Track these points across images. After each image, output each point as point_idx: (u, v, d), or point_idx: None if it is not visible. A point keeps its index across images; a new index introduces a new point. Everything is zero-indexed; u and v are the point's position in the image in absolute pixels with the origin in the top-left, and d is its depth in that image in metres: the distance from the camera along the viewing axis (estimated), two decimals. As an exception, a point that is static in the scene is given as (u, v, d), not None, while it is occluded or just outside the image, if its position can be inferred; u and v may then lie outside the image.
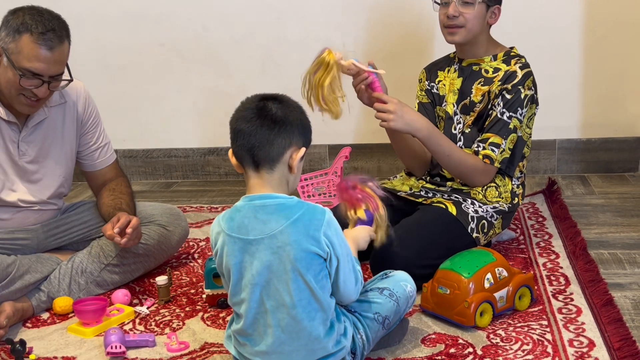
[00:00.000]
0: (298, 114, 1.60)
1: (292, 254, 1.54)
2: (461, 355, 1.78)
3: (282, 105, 1.58)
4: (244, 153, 1.57)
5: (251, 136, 1.55)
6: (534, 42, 3.07)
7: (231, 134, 1.59)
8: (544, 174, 3.38)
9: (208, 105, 3.53)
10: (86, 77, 2.47)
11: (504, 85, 2.27)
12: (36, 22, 1.97)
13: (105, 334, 1.87)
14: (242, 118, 1.57)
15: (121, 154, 3.60)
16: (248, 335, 1.61)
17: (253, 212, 1.57)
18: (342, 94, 2.07)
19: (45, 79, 2.00)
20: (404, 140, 2.33)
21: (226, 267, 1.60)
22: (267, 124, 1.55)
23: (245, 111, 1.57)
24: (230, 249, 1.58)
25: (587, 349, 1.77)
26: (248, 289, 1.57)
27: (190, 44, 3.48)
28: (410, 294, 1.82)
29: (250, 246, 1.56)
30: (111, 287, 2.22)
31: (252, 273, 1.56)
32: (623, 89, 3.30)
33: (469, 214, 2.23)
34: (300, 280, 1.55)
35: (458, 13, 2.27)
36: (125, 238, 2.04)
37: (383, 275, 1.86)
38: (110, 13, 3.49)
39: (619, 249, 2.42)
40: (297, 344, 1.58)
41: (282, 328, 1.57)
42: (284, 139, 1.56)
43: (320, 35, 3.38)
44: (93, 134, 2.30)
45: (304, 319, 1.57)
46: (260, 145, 1.55)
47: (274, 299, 1.56)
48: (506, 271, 1.96)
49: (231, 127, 1.59)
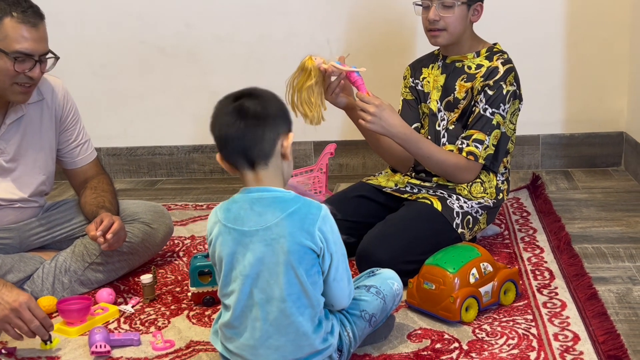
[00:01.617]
0: (275, 102, 1.60)
1: (286, 246, 1.54)
2: (447, 350, 1.78)
3: (258, 99, 1.57)
4: (237, 156, 1.56)
5: (240, 139, 1.54)
6: (517, 38, 3.08)
7: (217, 141, 1.58)
8: (528, 169, 3.40)
9: (192, 102, 3.51)
10: (69, 75, 2.46)
11: (486, 81, 2.28)
12: (12, 3, 1.96)
13: (90, 334, 1.86)
14: (225, 124, 1.55)
15: (105, 152, 3.59)
16: (235, 328, 1.60)
17: (249, 203, 1.57)
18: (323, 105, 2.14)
19: (36, 59, 2.00)
20: (377, 139, 2.33)
21: (219, 257, 1.60)
22: (251, 122, 1.54)
23: (225, 116, 1.55)
24: (225, 239, 1.58)
25: (572, 342, 1.78)
26: (239, 280, 1.57)
27: (173, 41, 3.47)
28: (397, 292, 1.82)
29: (245, 237, 1.56)
30: (95, 286, 2.21)
31: (244, 264, 1.56)
32: (606, 85, 3.32)
33: (454, 210, 2.24)
34: (292, 274, 1.55)
35: (439, 17, 2.27)
36: (106, 243, 2.03)
37: (370, 273, 1.86)
38: (92, 11, 3.47)
39: (602, 243, 2.43)
40: (284, 339, 1.58)
41: (271, 322, 1.57)
42: (272, 132, 1.56)
43: (303, 33, 3.38)
44: (72, 131, 2.28)
45: (293, 314, 1.56)
46: (252, 145, 1.54)
47: (264, 291, 1.56)
48: (491, 266, 1.97)
49: (215, 135, 1.58)
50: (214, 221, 1.62)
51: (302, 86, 2.11)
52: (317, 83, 2.12)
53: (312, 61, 2.11)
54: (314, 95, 2.12)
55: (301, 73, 2.12)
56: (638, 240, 2.44)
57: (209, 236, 1.63)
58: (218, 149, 1.59)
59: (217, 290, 1.66)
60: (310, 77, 2.11)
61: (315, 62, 2.11)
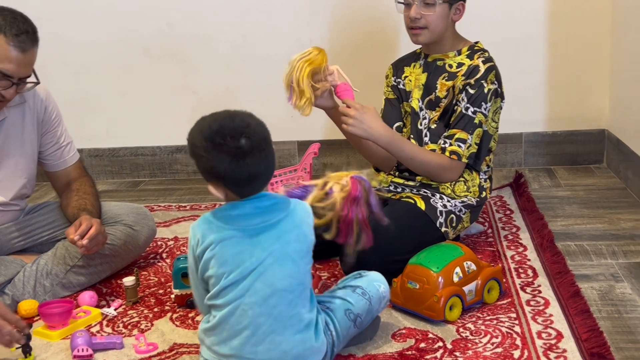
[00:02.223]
0: (261, 121, 1.60)
1: (292, 240, 1.59)
2: (431, 349, 1.78)
3: (254, 128, 1.57)
4: (258, 187, 1.59)
5: (267, 172, 1.58)
6: (499, 36, 3.09)
7: (241, 181, 1.55)
8: (511, 167, 3.41)
9: (174, 102, 3.49)
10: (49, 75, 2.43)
11: (467, 80, 2.28)
12: (10, 24, 1.95)
13: (72, 337, 1.84)
14: (251, 165, 1.53)
15: (87, 153, 3.56)
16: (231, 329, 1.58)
17: (252, 208, 1.59)
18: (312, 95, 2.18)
19: (14, 81, 1.98)
20: (359, 140, 2.33)
21: (219, 261, 1.57)
22: (270, 152, 1.57)
23: (246, 157, 1.52)
24: (227, 243, 1.57)
25: (555, 340, 1.78)
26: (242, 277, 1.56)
27: (154, 41, 3.44)
28: (384, 294, 1.82)
29: (252, 235, 1.57)
30: (77, 289, 2.19)
31: (252, 260, 1.56)
32: (587, 82, 3.34)
33: (438, 209, 2.24)
34: (297, 266, 1.60)
35: (420, 15, 2.27)
36: (83, 247, 2.01)
37: (357, 274, 1.86)
38: (72, 10, 3.44)
39: (585, 240, 2.45)
40: (288, 332, 1.58)
41: (275, 316, 1.57)
42: (274, 152, 1.60)
43: (286, 32, 3.37)
44: (54, 133, 2.26)
45: (297, 304, 1.59)
46: (271, 173, 1.60)
47: (271, 285, 1.57)
48: (475, 265, 1.97)
49: (239, 177, 1.54)
50: (206, 230, 1.59)
51: (309, 66, 2.15)
52: (321, 73, 2.19)
53: (325, 53, 2.19)
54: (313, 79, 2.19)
55: (309, 55, 2.17)
56: (620, 237, 2.45)
57: (201, 244, 1.59)
58: (231, 186, 1.56)
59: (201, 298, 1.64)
60: (317, 61, 2.16)
61: (326, 56, 2.18)
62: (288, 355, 1.59)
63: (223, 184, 1.57)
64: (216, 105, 3.69)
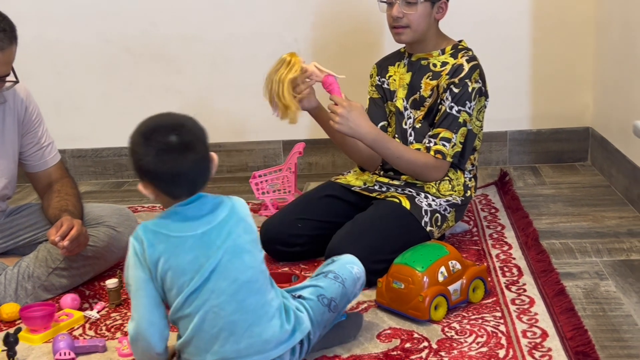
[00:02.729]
0: (199, 125, 1.59)
1: (242, 232, 1.58)
2: (416, 349, 1.77)
3: (190, 127, 1.55)
4: (183, 189, 1.56)
5: (193, 171, 1.54)
6: (482, 35, 3.10)
7: (165, 177, 1.53)
8: (495, 165, 3.42)
9: (158, 102, 3.46)
10: (31, 75, 2.40)
11: (451, 79, 2.27)
12: None
13: (54, 341, 1.82)
14: (175, 160, 1.51)
15: (70, 153, 3.53)
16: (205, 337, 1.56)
17: (195, 210, 1.57)
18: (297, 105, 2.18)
19: None
20: (342, 138, 2.32)
21: (177, 270, 1.54)
22: (200, 152, 1.54)
23: (172, 153, 1.51)
24: (179, 251, 1.54)
25: (540, 339, 1.78)
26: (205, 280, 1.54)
27: (138, 40, 3.42)
28: (358, 275, 1.81)
29: (204, 237, 1.55)
30: (60, 292, 2.17)
31: (210, 262, 1.54)
32: (571, 80, 3.35)
33: (423, 208, 2.24)
34: (253, 255, 1.60)
35: (402, 14, 2.27)
36: (64, 249, 1.99)
37: (329, 261, 1.86)
38: (55, 9, 3.41)
39: (570, 238, 2.45)
40: (264, 321, 1.57)
41: (247, 309, 1.56)
42: (209, 159, 1.58)
43: (270, 31, 3.36)
44: (35, 133, 2.24)
45: (265, 292, 1.59)
46: (199, 177, 1.56)
47: (235, 280, 1.55)
48: (459, 264, 1.97)
49: (162, 172, 1.52)
50: (153, 239, 1.55)
51: (285, 78, 2.14)
52: (296, 79, 2.16)
53: (297, 57, 2.15)
54: (294, 89, 2.17)
55: (282, 65, 2.15)
56: (605, 235, 2.46)
57: (148, 256, 1.54)
58: (157, 183, 1.55)
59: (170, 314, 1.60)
60: (294, 69, 2.14)
61: (299, 58, 2.15)
62: (270, 343, 1.58)
63: (149, 179, 1.55)
64: (201, 105, 3.72)
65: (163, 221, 1.57)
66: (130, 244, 1.57)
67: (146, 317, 1.56)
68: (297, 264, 2.33)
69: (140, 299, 1.56)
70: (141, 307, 1.56)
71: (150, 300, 1.56)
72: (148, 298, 1.56)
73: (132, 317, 1.58)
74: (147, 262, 1.54)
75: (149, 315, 1.56)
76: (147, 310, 1.56)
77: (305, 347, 1.69)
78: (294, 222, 2.32)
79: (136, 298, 1.57)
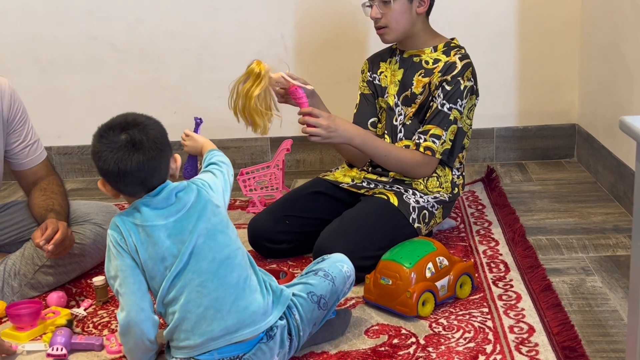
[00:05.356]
0: (160, 127, 1.62)
1: (210, 215, 1.61)
2: (404, 345, 1.78)
3: (146, 128, 1.57)
4: (135, 187, 1.59)
5: (140, 171, 1.56)
6: (469, 31, 3.10)
7: (110, 174, 1.56)
8: (482, 162, 3.43)
9: (144, 99, 3.45)
10: (16, 72, 2.40)
11: (443, 76, 2.28)
12: None
13: (53, 334, 1.83)
14: (120, 159, 1.54)
15: (56, 150, 3.51)
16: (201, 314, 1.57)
17: (163, 200, 1.59)
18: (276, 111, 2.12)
19: None
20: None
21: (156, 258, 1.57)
22: (149, 153, 1.55)
23: (119, 151, 1.54)
24: (157, 238, 1.57)
25: (527, 334, 1.79)
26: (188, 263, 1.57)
27: (123, 36, 3.40)
28: (347, 273, 1.82)
29: (177, 224, 1.58)
30: (46, 289, 2.15)
31: (186, 245, 1.57)
32: (557, 77, 3.36)
33: (410, 205, 2.24)
34: (226, 235, 1.63)
35: (380, 15, 2.27)
36: (49, 252, 1.98)
37: (319, 259, 1.87)
38: (39, 6, 3.38)
39: (556, 234, 2.46)
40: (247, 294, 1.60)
41: (230, 284, 1.58)
42: (166, 158, 1.60)
43: (257, 28, 3.35)
44: (21, 131, 2.22)
45: (244, 267, 1.63)
46: (152, 175, 1.58)
47: (214, 260, 1.59)
48: (447, 260, 1.98)
49: (108, 169, 1.55)
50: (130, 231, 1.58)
51: (252, 93, 2.06)
52: (267, 89, 2.08)
53: (263, 66, 2.07)
54: (264, 102, 2.08)
55: (249, 78, 2.07)
56: (591, 231, 2.47)
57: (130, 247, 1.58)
58: (107, 180, 1.59)
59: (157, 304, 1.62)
60: (260, 83, 2.06)
61: (266, 67, 2.06)
62: (257, 314, 1.61)
63: (103, 177, 1.59)
64: (186, 101, 3.70)
65: (135, 212, 1.60)
66: (108, 236, 1.61)
67: (137, 303, 1.59)
68: (285, 261, 2.33)
69: (129, 286, 1.59)
70: (131, 295, 1.59)
71: (138, 287, 1.59)
72: (136, 284, 1.59)
73: (121, 307, 1.60)
74: (129, 250, 1.58)
75: (140, 300, 1.59)
76: (137, 297, 1.59)
77: (295, 344, 1.69)
78: (282, 219, 2.32)
79: (124, 286, 1.59)
